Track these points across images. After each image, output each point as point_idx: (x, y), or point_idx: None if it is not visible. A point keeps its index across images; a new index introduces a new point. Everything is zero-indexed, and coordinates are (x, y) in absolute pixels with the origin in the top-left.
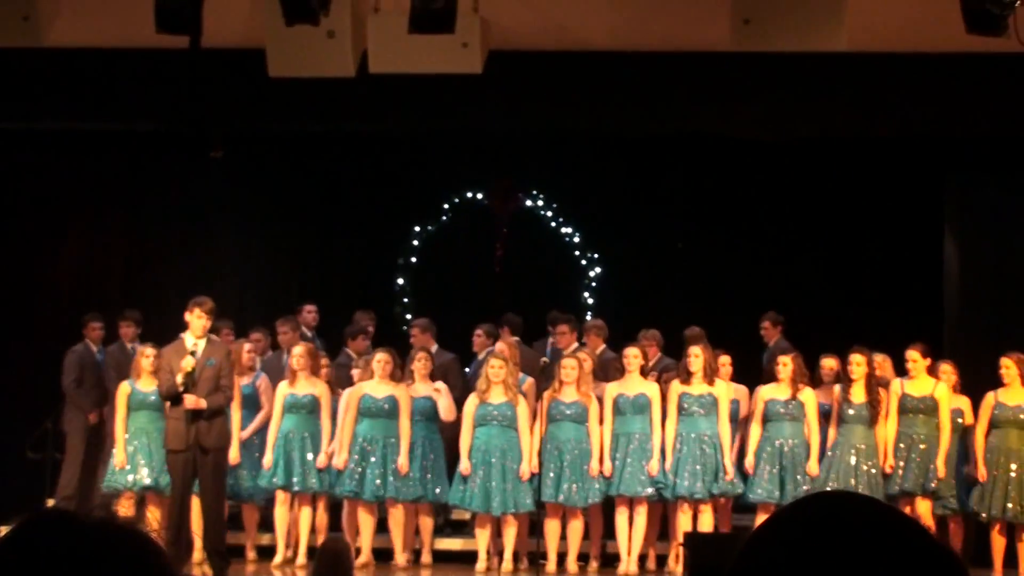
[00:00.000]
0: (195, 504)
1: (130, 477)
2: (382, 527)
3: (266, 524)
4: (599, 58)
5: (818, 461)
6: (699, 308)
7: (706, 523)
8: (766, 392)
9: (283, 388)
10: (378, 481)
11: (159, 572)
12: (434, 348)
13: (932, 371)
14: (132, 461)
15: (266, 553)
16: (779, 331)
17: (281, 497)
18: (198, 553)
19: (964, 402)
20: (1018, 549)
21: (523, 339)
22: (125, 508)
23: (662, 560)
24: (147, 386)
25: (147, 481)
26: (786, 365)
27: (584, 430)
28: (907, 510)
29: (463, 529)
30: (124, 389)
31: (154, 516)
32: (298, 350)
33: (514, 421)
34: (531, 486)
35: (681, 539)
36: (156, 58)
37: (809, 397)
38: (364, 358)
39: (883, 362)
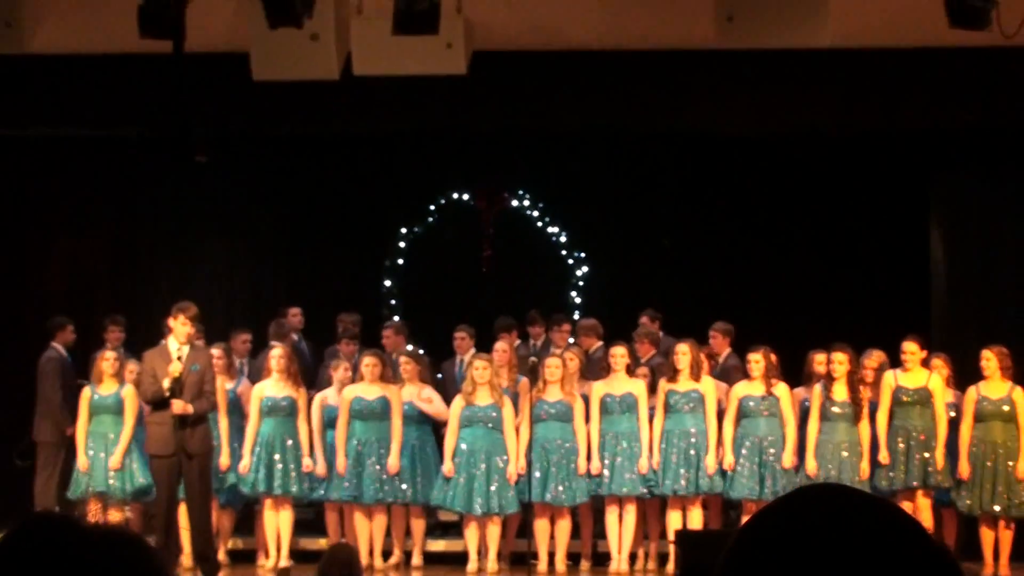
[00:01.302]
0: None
1: (92, 483)
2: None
3: (239, 528)
4: (583, 57)
5: (795, 454)
6: (685, 306)
7: (695, 520)
8: (740, 389)
9: (259, 391)
10: (376, 484)
11: (154, 575)
12: (409, 348)
13: (925, 364)
14: (93, 466)
15: (238, 558)
16: (728, 342)
17: (268, 503)
18: (186, 559)
19: (957, 395)
20: (1000, 540)
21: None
22: (93, 513)
23: (662, 559)
24: (107, 390)
25: (100, 487)
26: (758, 362)
27: (570, 429)
28: (907, 506)
29: (452, 530)
30: (85, 394)
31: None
32: (277, 352)
33: (500, 423)
34: (517, 487)
35: (672, 537)
36: (140, 63)
37: (783, 392)
38: (334, 360)
39: (879, 357)
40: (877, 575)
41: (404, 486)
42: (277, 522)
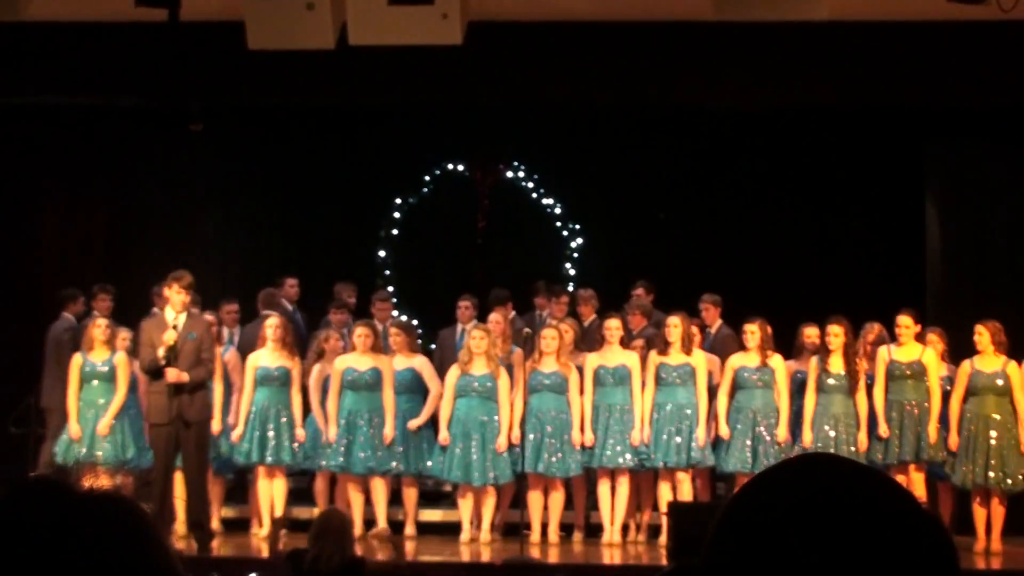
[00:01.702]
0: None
1: (82, 450)
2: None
3: (232, 497)
4: (579, 28)
5: (788, 427)
6: (680, 278)
7: (686, 492)
8: (735, 360)
9: (254, 360)
10: (363, 454)
11: (149, 540)
12: (401, 319)
13: (920, 338)
14: (84, 433)
15: (231, 526)
16: (718, 313)
17: (261, 471)
18: (180, 526)
19: (952, 370)
20: (992, 515)
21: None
22: (85, 480)
23: (654, 531)
24: (99, 358)
25: (90, 454)
26: (754, 333)
27: (564, 400)
28: (900, 479)
29: (444, 500)
30: (76, 361)
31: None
32: (272, 321)
33: (495, 393)
34: (511, 457)
35: (664, 509)
36: (135, 32)
37: (779, 363)
38: (325, 331)
39: (869, 331)
40: (867, 544)
41: (395, 458)
42: (271, 491)
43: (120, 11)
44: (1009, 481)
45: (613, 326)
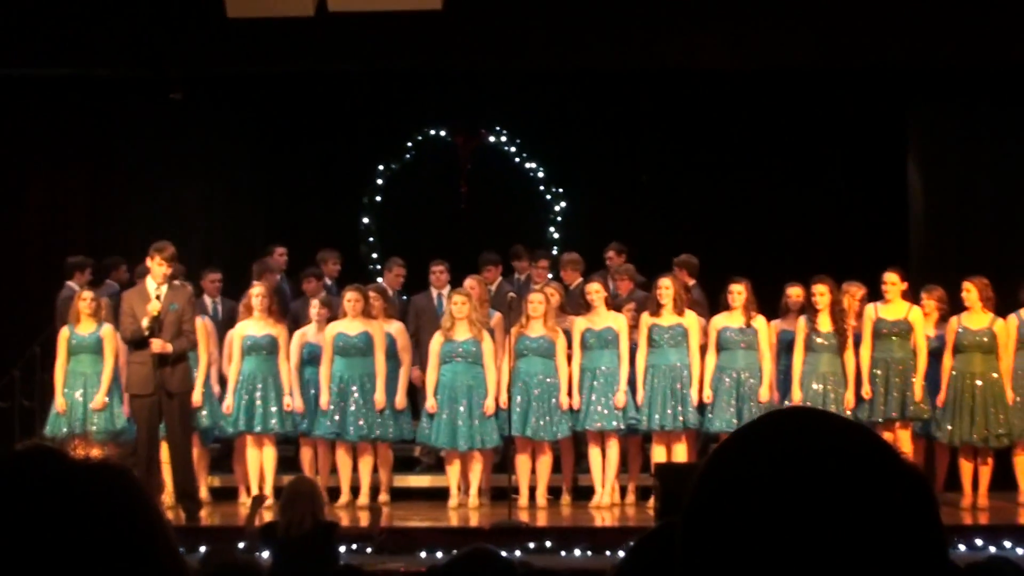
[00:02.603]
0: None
1: (67, 424)
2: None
3: (217, 466)
4: None
5: (771, 388)
6: (664, 241)
7: (680, 455)
8: (719, 321)
9: (241, 329)
10: (361, 421)
11: (143, 508)
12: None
13: (908, 297)
14: (70, 406)
15: (218, 495)
16: (686, 274)
17: (248, 440)
18: (168, 497)
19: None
20: (979, 471)
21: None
22: (74, 451)
23: (644, 493)
24: (85, 330)
25: (78, 427)
26: (741, 293)
27: (552, 364)
28: (887, 437)
29: (433, 466)
30: (64, 334)
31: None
32: (257, 290)
33: (480, 357)
34: (498, 421)
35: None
36: (114, 2)
37: (762, 324)
38: (318, 297)
39: (857, 290)
40: (847, 495)
41: (387, 423)
42: (260, 459)
43: None
44: (995, 437)
45: (594, 289)
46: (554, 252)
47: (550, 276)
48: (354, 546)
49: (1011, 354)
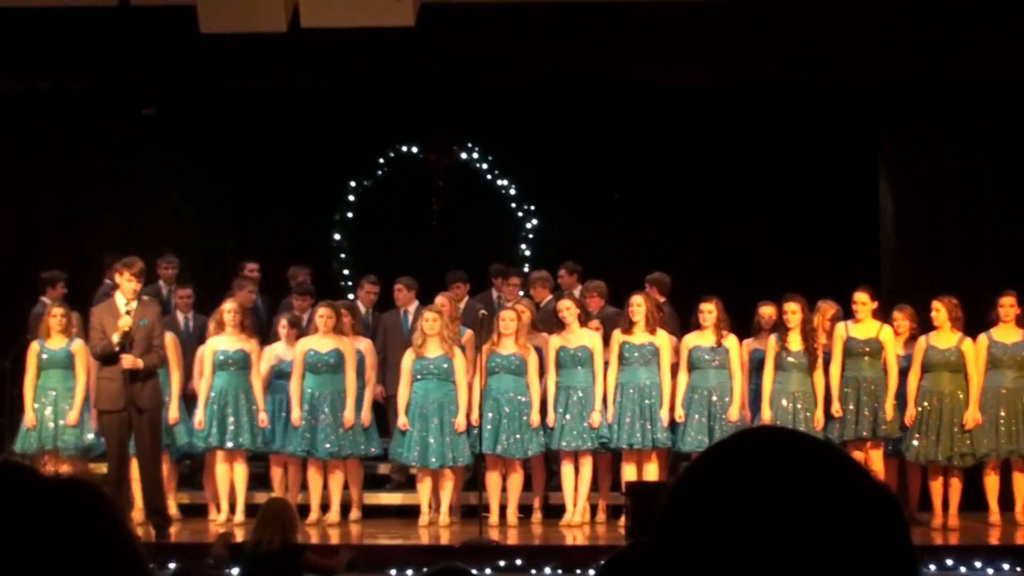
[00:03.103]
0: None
1: (37, 439)
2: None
3: (185, 483)
4: (531, 9)
5: (741, 407)
6: (636, 258)
7: (651, 474)
8: (691, 340)
9: (212, 345)
10: (331, 438)
11: (113, 525)
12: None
13: (878, 315)
14: (40, 421)
15: (186, 511)
16: (657, 291)
17: (219, 456)
18: (138, 513)
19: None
20: (950, 491)
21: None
22: (43, 467)
23: (615, 511)
24: (56, 345)
25: (48, 443)
26: (711, 312)
27: (523, 382)
28: (858, 456)
29: (403, 484)
30: (33, 349)
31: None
32: (229, 306)
33: (451, 374)
34: (469, 439)
35: (624, 489)
36: (87, 16)
37: (733, 343)
38: (286, 314)
39: (829, 309)
40: (817, 514)
41: (357, 441)
42: (231, 476)
43: None
44: (960, 456)
45: (565, 307)
46: (525, 269)
47: (521, 293)
48: None
49: (980, 373)
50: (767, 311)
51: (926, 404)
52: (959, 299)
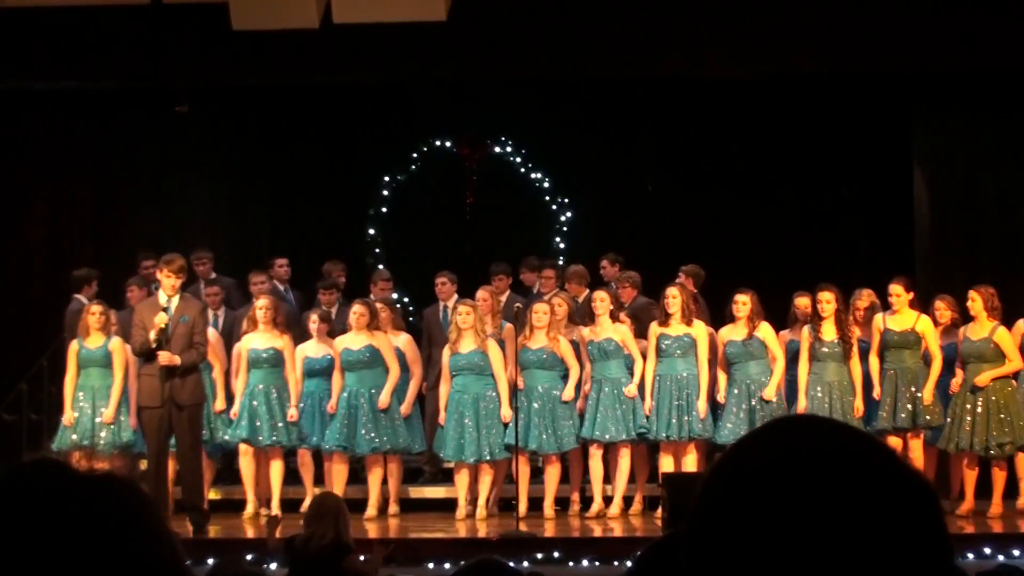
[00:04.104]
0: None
1: (74, 436)
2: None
3: (218, 479)
4: (563, 2)
5: (778, 388)
6: (669, 250)
7: (689, 465)
8: (725, 334)
9: (245, 342)
10: (372, 434)
11: (150, 521)
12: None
13: (915, 305)
14: (79, 419)
15: (221, 507)
16: (692, 283)
17: (244, 449)
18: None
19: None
20: (993, 479)
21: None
22: (79, 464)
23: (652, 503)
24: (94, 343)
25: (86, 440)
26: (745, 304)
27: (555, 376)
28: (897, 445)
29: (438, 476)
30: (73, 347)
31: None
32: (263, 302)
33: (486, 368)
34: (504, 433)
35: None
36: (119, 14)
37: (766, 331)
38: (317, 311)
39: (867, 297)
40: (851, 502)
41: (395, 436)
42: (267, 472)
43: None
44: (998, 447)
45: (599, 298)
46: (560, 262)
47: (563, 288)
48: None
49: (1020, 359)
50: (802, 302)
51: (963, 394)
52: (996, 288)
